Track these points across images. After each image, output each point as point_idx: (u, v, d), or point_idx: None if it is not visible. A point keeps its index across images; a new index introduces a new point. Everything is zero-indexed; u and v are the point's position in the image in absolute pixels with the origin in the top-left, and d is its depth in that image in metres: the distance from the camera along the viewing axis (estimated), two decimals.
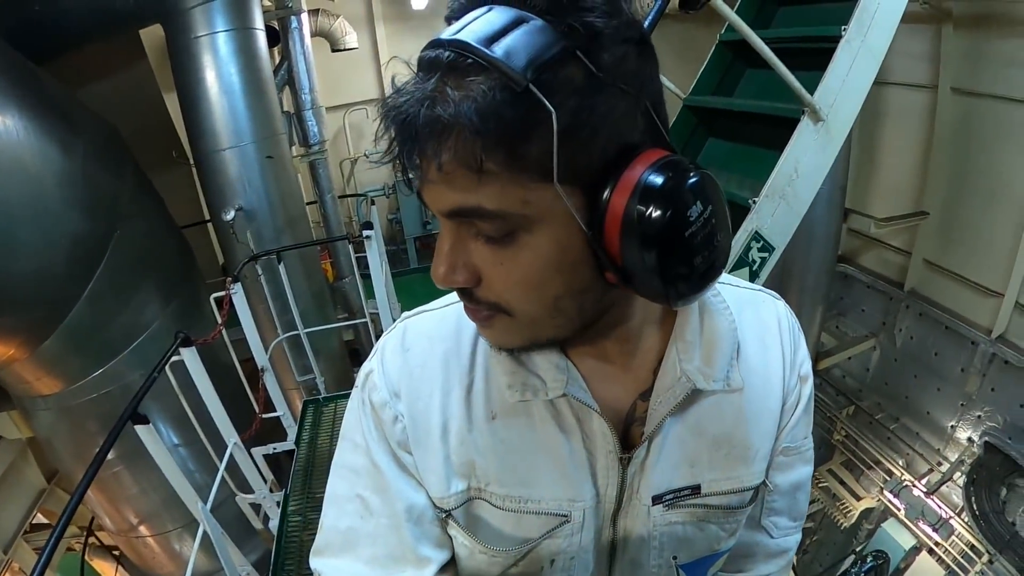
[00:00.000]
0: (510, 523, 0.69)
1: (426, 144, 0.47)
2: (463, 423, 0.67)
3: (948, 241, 4.20)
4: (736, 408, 0.69)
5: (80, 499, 1.91)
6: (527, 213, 0.50)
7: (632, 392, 0.68)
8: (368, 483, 0.68)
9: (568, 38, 0.46)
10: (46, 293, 2.98)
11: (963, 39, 3.59)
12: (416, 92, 0.47)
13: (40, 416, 3.50)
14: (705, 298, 0.68)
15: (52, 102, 3.03)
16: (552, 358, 0.64)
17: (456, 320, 0.70)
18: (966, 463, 4.35)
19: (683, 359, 0.65)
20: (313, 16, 5.67)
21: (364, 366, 0.72)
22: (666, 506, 0.69)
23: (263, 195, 4.15)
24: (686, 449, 0.69)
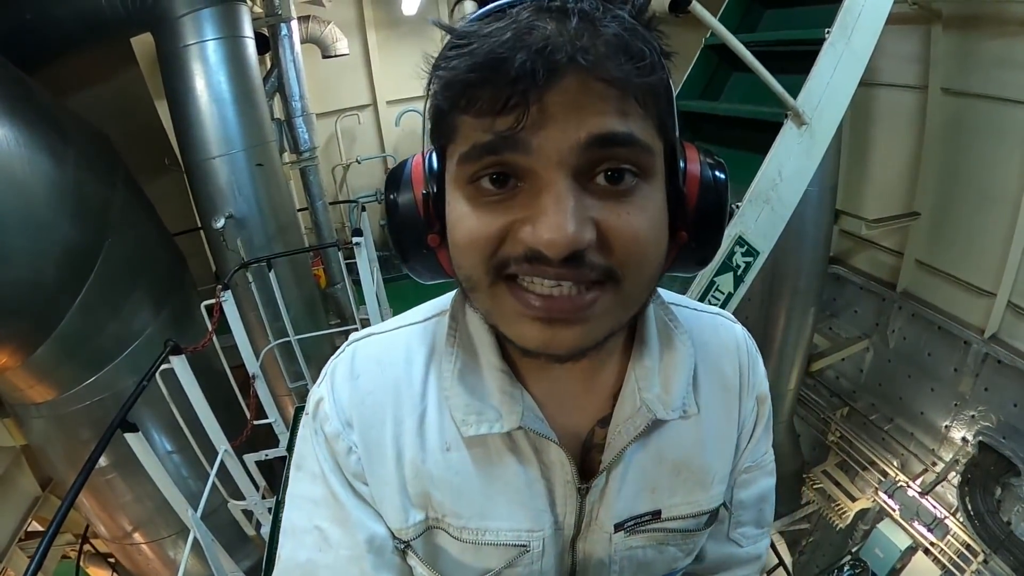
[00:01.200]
0: (469, 554, 0.68)
1: (572, 73, 0.46)
2: (417, 454, 0.66)
3: (940, 241, 4.21)
4: (694, 434, 0.70)
5: (71, 505, 1.92)
6: (655, 156, 0.52)
7: (590, 418, 0.68)
8: (326, 514, 0.67)
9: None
10: (37, 302, 2.96)
11: (953, 40, 3.60)
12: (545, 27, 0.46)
13: (33, 424, 3.50)
14: (664, 323, 0.69)
15: (43, 111, 3.03)
16: (505, 387, 0.63)
17: (406, 345, 0.70)
18: (960, 463, 4.35)
19: (642, 387, 0.65)
20: (303, 23, 5.67)
21: (313, 392, 0.70)
22: (627, 532, 0.69)
23: (253, 202, 4.16)
24: (647, 476, 0.69)
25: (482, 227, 0.51)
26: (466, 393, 0.64)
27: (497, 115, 0.47)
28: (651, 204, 0.52)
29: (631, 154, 0.49)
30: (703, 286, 2.28)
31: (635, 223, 0.50)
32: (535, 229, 0.48)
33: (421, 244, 0.59)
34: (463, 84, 0.47)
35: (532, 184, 0.49)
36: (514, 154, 0.48)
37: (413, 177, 0.60)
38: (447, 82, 0.49)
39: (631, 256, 0.51)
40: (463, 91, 0.48)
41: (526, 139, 0.47)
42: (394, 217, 0.60)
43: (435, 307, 0.73)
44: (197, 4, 3.68)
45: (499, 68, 0.45)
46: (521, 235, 0.49)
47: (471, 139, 0.49)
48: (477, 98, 0.47)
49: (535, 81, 0.45)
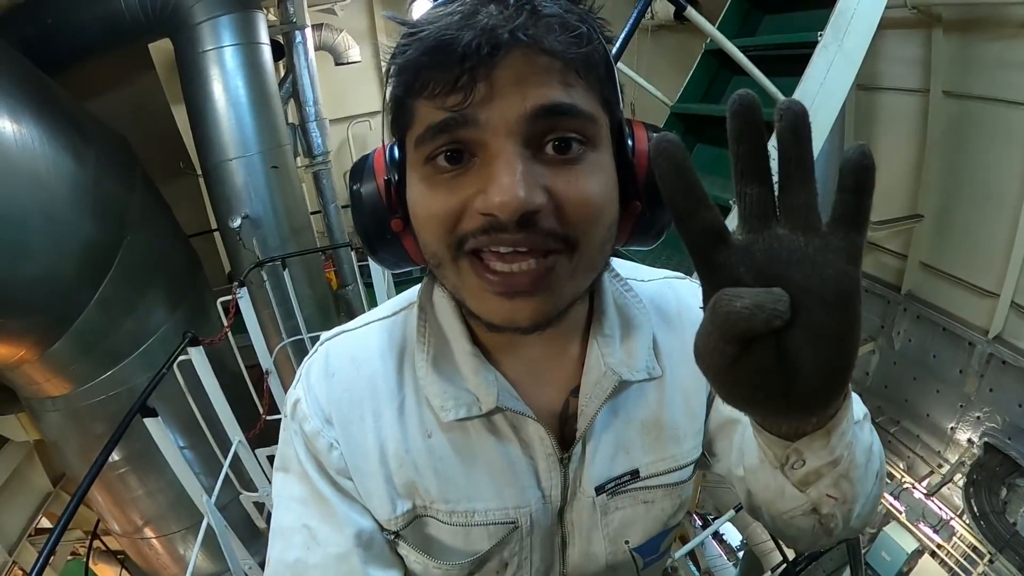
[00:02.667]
0: (460, 537, 0.69)
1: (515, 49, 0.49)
2: (399, 444, 0.67)
3: (943, 243, 4.23)
4: (658, 393, 0.73)
5: (88, 488, 1.98)
6: (600, 127, 0.55)
7: (563, 390, 0.70)
8: (313, 512, 0.67)
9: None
10: (56, 297, 3.06)
11: (953, 43, 3.63)
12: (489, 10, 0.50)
13: (48, 417, 3.58)
14: (620, 294, 0.72)
15: (65, 112, 3.14)
16: (479, 370, 0.65)
17: (378, 340, 0.72)
18: (966, 464, 4.35)
19: (605, 353, 0.68)
20: (317, 31, 5.79)
21: (290, 394, 0.72)
22: (609, 495, 0.72)
23: (268, 204, 4.26)
24: (618, 437, 0.71)
25: (440, 203, 0.53)
26: (442, 380, 0.65)
27: (448, 95, 0.50)
28: (599, 171, 0.54)
29: (576, 124, 0.52)
30: None
31: (584, 187, 0.52)
32: (487, 195, 0.50)
33: (386, 230, 0.61)
34: (415, 67, 0.51)
35: (484, 157, 0.51)
36: (464, 129, 0.51)
37: (376, 167, 0.62)
38: (401, 67, 0.53)
39: (583, 219, 0.53)
40: (416, 75, 0.51)
41: (475, 114, 0.50)
42: (359, 206, 0.62)
43: (402, 301, 0.75)
44: (215, 11, 3.80)
45: (447, 49, 0.49)
46: (476, 205, 0.51)
47: (425, 121, 0.52)
48: (429, 80, 0.50)
49: (480, 58, 0.48)
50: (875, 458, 0.61)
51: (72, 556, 5.48)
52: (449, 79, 0.49)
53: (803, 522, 0.61)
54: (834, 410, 0.49)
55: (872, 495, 0.62)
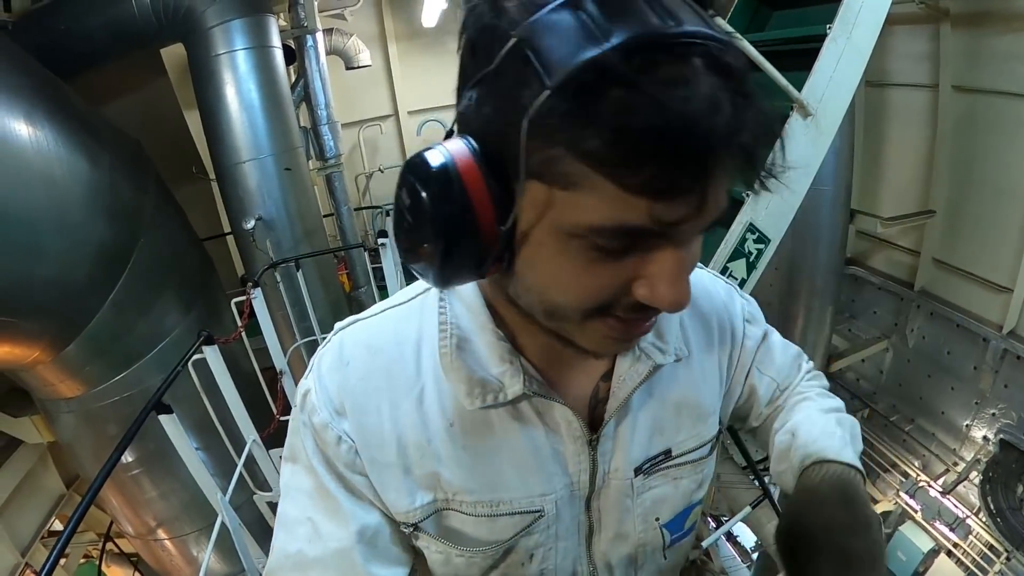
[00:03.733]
0: (484, 527, 0.68)
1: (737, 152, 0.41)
2: (420, 435, 0.65)
3: (956, 239, 4.21)
4: (687, 374, 0.75)
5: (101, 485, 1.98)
6: None
7: (592, 376, 0.69)
8: (318, 505, 0.66)
9: None
10: (70, 299, 3.07)
11: (962, 37, 3.63)
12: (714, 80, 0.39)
13: (63, 419, 3.59)
14: None
15: (79, 116, 3.17)
16: (504, 356, 0.63)
17: (394, 328, 0.69)
18: (982, 462, 4.31)
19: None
20: (328, 35, 5.84)
21: (301, 384, 0.69)
22: (646, 475, 0.73)
23: (281, 206, 4.28)
24: (654, 418, 0.73)
25: (592, 284, 0.48)
26: (465, 367, 0.63)
27: (671, 200, 0.41)
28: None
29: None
30: (716, 272, 2.34)
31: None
32: (656, 291, 0.47)
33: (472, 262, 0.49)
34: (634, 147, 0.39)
35: (654, 251, 0.47)
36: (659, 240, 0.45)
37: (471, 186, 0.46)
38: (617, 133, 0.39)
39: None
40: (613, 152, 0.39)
41: (678, 220, 0.43)
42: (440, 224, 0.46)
43: (419, 287, 0.72)
44: (227, 16, 3.83)
45: (688, 140, 0.38)
46: (639, 292, 0.48)
47: (611, 214, 0.42)
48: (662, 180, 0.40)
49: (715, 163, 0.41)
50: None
51: (85, 559, 5.52)
52: (672, 180, 0.40)
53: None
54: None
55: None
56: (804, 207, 4.19)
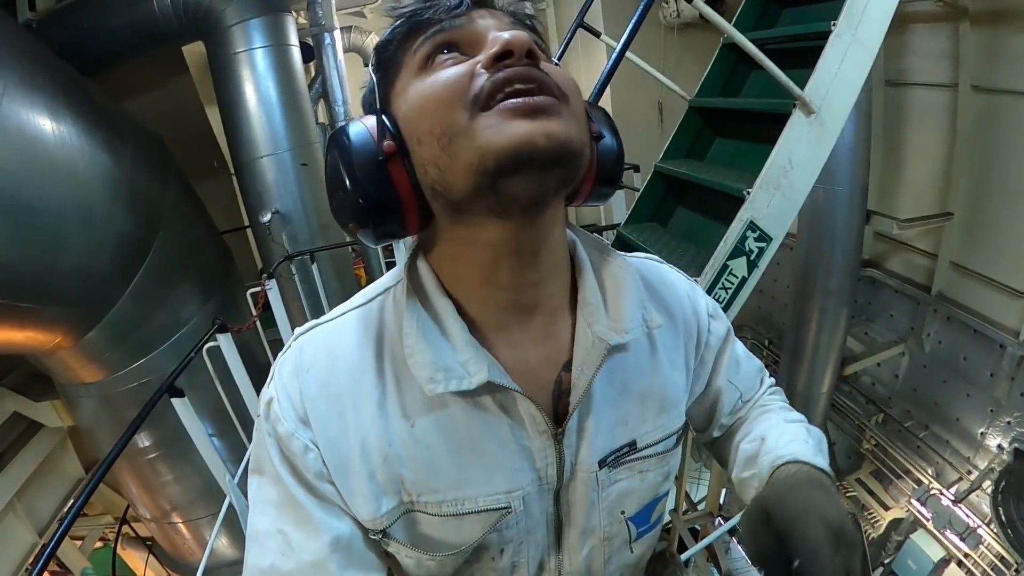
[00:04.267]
0: (451, 528, 0.68)
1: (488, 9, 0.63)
2: (382, 438, 0.65)
3: (974, 242, 4.12)
4: (651, 363, 0.75)
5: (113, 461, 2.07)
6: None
7: (554, 367, 0.69)
8: (288, 517, 0.65)
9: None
10: (92, 288, 3.18)
11: (981, 36, 3.55)
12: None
13: (82, 403, 3.71)
14: (597, 256, 0.75)
15: (102, 112, 3.26)
16: (470, 343, 0.64)
17: (354, 330, 0.69)
18: (995, 471, 4.22)
19: (591, 322, 0.68)
20: (346, 33, 5.92)
21: (263, 393, 0.69)
22: (610, 467, 0.72)
23: (298, 200, 4.37)
24: (617, 409, 0.72)
25: (448, 71, 0.57)
26: (431, 350, 0.63)
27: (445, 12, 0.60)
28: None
29: (544, 47, 0.62)
30: (716, 269, 2.33)
31: (558, 70, 0.60)
32: (496, 43, 0.56)
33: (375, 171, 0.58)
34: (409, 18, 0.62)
35: (482, 45, 0.59)
36: (463, 29, 0.60)
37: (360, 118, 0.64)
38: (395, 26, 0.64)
39: (569, 87, 0.59)
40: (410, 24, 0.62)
41: (469, 22, 0.61)
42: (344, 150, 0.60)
43: (378, 287, 0.73)
44: (246, 14, 3.92)
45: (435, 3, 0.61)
46: (485, 55, 0.57)
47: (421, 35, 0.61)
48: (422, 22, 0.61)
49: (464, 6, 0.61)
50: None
51: (101, 542, 5.67)
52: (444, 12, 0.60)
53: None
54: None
55: None
56: (819, 208, 4.21)
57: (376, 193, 0.58)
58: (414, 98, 0.59)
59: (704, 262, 2.39)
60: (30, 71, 2.82)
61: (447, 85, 0.56)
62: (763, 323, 6.40)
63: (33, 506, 4.18)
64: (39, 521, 4.20)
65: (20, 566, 3.97)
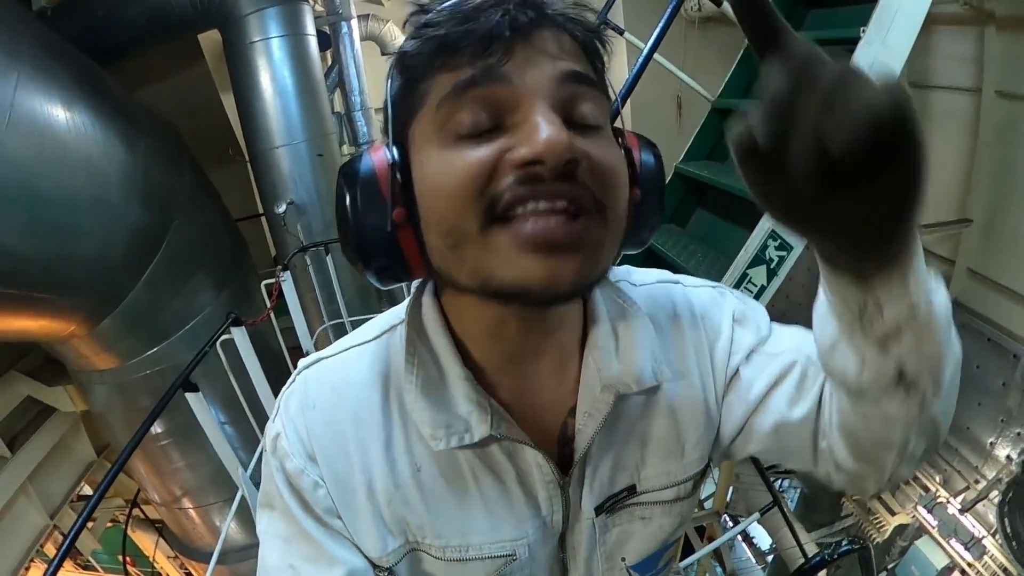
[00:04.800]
0: (456, 571, 0.67)
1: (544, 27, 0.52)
2: (387, 481, 0.64)
3: (992, 250, 4.07)
4: (655, 405, 0.69)
5: (128, 456, 2.09)
6: (608, 113, 0.55)
7: (560, 413, 0.67)
8: (299, 552, 0.64)
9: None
10: (106, 277, 3.18)
11: (1006, 41, 3.48)
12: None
13: (96, 390, 3.73)
14: (613, 302, 0.69)
15: (116, 101, 3.25)
16: (471, 396, 0.61)
17: (359, 367, 0.67)
18: (1003, 482, 4.20)
19: (601, 368, 0.65)
20: (363, 21, 5.88)
21: (269, 427, 0.68)
22: (608, 513, 0.70)
23: (313, 191, 4.37)
24: (616, 454, 0.69)
25: (469, 160, 0.49)
26: (431, 407, 0.61)
27: (478, 57, 0.49)
28: (615, 147, 0.56)
29: (597, 96, 0.53)
30: (736, 277, 2.32)
31: (609, 156, 0.53)
32: (531, 141, 0.47)
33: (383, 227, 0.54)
34: (441, 44, 0.50)
35: (518, 118, 0.50)
36: (497, 85, 0.49)
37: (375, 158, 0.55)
38: (422, 46, 0.52)
39: (611, 186, 0.52)
40: (440, 51, 0.51)
41: (508, 73, 0.49)
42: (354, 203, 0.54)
43: (385, 322, 0.70)
44: (262, 3, 3.90)
45: (479, 20, 0.49)
46: (515, 155, 0.48)
47: (451, 82, 0.50)
48: (454, 52, 0.50)
49: (514, 28, 0.49)
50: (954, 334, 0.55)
51: (111, 523, 5.74)
52: (479, 48, 0.49)
53: (889, 403, 0.53)
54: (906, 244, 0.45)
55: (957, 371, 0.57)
56: None
57: (383, 253, 0.56)
58: (427, 174, 0.52)
59: (723, 268, 2.38)
60: (44, 60, 2.81)
61: (463, 181, 0.49)
62: (776, 321, 6.36)
63: (45, 489, 4.23)
64: (51, 504, 4.25)
65: (32, 547, 4.02)
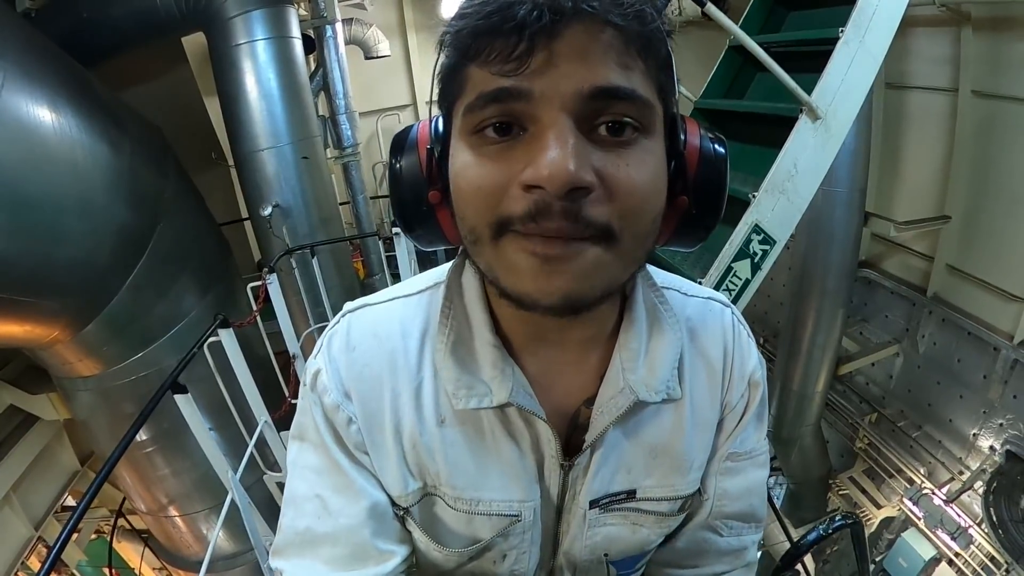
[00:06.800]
0: (462, 523, 0.70)
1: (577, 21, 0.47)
2: (414, 426, 0.67)
3: (970, 246, 4.16)
4: (675, 419, 0.71)
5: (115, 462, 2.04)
6: (655, 113, 0.52)
7: (577, 398, 0.69)
8: (328, 482, 0.67)
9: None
10: (90, 280, 3.13)
11: (983, 42, 3.57)
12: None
13: (79, 397, 3.67)
14: (653, 306, 0.70)
15: (101, 103, 3.21)
16: (497, 362, 0.64)
17: (401, 318, 0.70)
18: (987, 472, 4.28)
19: (627, 368, 0.66)
20: (347, 25, 5.89)
21: (310, 363, 0.71)
22: (601, 509, 0.72)
23: (298, 193, 4.34)
24: (623, 456, 0.70)
25: (485, 176, 0.51)
26: (457, 367, 0.64)
27: (504, 62, 0.48)
28: (651, 159, 0.52)
29: (632, 109, 0.50)
30: (721, 271, 2.35)
31: (635, 175, 0.50)
32: (535, 166, 0.47)
33: (422, 202, 0.60)
34: (473, 32, 0.49)
35: (535, 130, 0.49)
36: (517, 101, 0.48)
37: (419, 137, 0.61)
38: (457, 33, 0.50)
39: (629, 209, 0.50)
40: (472, 39, 0.49)
41: (529, 86, 0.48)
42: (396, 176, 0.61)
43: (430, 278, 0.73)
44: (248, 6, 3.88)
45: (506, 14, 0.46)
46: (523, 177, 0.48)
47: (477, 89, 0.50)
48: (484, 45, 0.48)
49: (540, 26, 0.46)
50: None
51: (96, 534, 5.65)
52: (507, 46, 0.47)
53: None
54: None
55: None
56: (818, 208, 4.23)
57: (423, 226, 0.63)
58: (456, 170, 0.54)
59: (708, 263, 2.41)
60: (29, 61, 2.77)
61: (478, 194, 0.51)
62: (759, 321, 6.45)
63: (29, 499, 4.15)
64: (35, 515, 4.17)
65: (16, 559, 3.95)
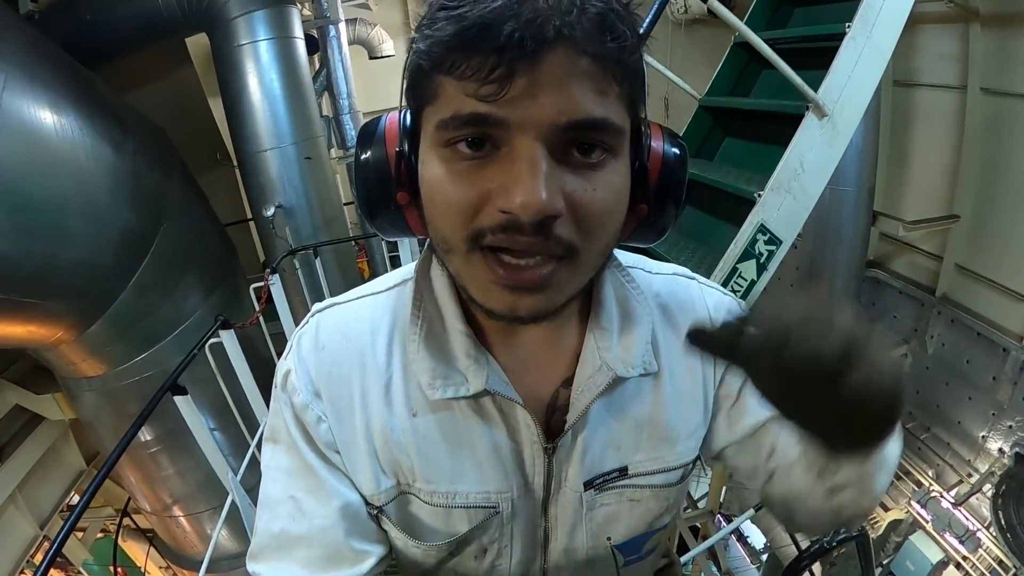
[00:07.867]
0: (439, 518, 0.70)
1: (559, 46, 0.47)
2: (385, 422, 0.67)
3: (980, 245, 4.10)
4: (655, 392, 0.71)
5: (116, 459, 2.05)
6: (624, 136, 0.54)
7: (554, 381, 0.69)
8: (301, 484, 0.67)
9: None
10: (94, 281, 3.15)
11: (991, 38, 3.52)
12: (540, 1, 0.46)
13: (84, 397, 3.70)
14: (620, 285, 0.71)
15: (105, 104, 3.24)
16: (471, 351, 0.65)
17: (370, 315, 0.71)
18: (995, 474, 4.22)
19: (602, 347, 0.67)
20: (351, 25, 5.90)
21: (281, 364, 0.71)
22: (596, 490, 0.71)
23: (302, 194, 4.36)
24: (610, 432, 0.71)
25: (459, 194, 0.51)
26: (431, 358, 0.65)
27: (481, 84, 0.47)
28: (617, 178, 0.54)
29: (604, 135, 0.51)
30: (726, 272, 2.32)
31: (601, 197, 0.52)
32: (509, 195, 0.48)
33: (390, 201, 0.59)
34: (448, 47, 0.48)
35: (509, 152, 0.50)
36: (494, 129, 0.49)
37: (387, 133, 0.59)
38: (432, 43, 0.49)
39: (592, 228, 0.53)
40: (447, 54, 0.48)
41: (506, 116, 0.48)
42: (363, 172, 0.59)
43: (397, 276, 0.74)
44: (250, 6, 3.90)
45: (486, 35, 0.46)
46: (497, 201, 0.50)
47: (452, 106, 0.49)
48: (462, 63, 0.47)
49: (523, 52, 0.46)
50: (893, 461, 0.70)
51: (102, 533, 5.68)
52: (484, 65, 0.47)
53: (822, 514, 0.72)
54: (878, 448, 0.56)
55: (882, 490, 0.71)
56: (826, 208, 4.19)
57: (391, 222, 0.62)
58: (426, 179, 0.55)
59: (713, 263, 2.38)
60: (32, 63, 2.79)
61: (452, 208, 0.52)
62: None
63: (34, 498, 4.18)
64: (40, 513, 4.20)
65: (22, 558, 3.97)
